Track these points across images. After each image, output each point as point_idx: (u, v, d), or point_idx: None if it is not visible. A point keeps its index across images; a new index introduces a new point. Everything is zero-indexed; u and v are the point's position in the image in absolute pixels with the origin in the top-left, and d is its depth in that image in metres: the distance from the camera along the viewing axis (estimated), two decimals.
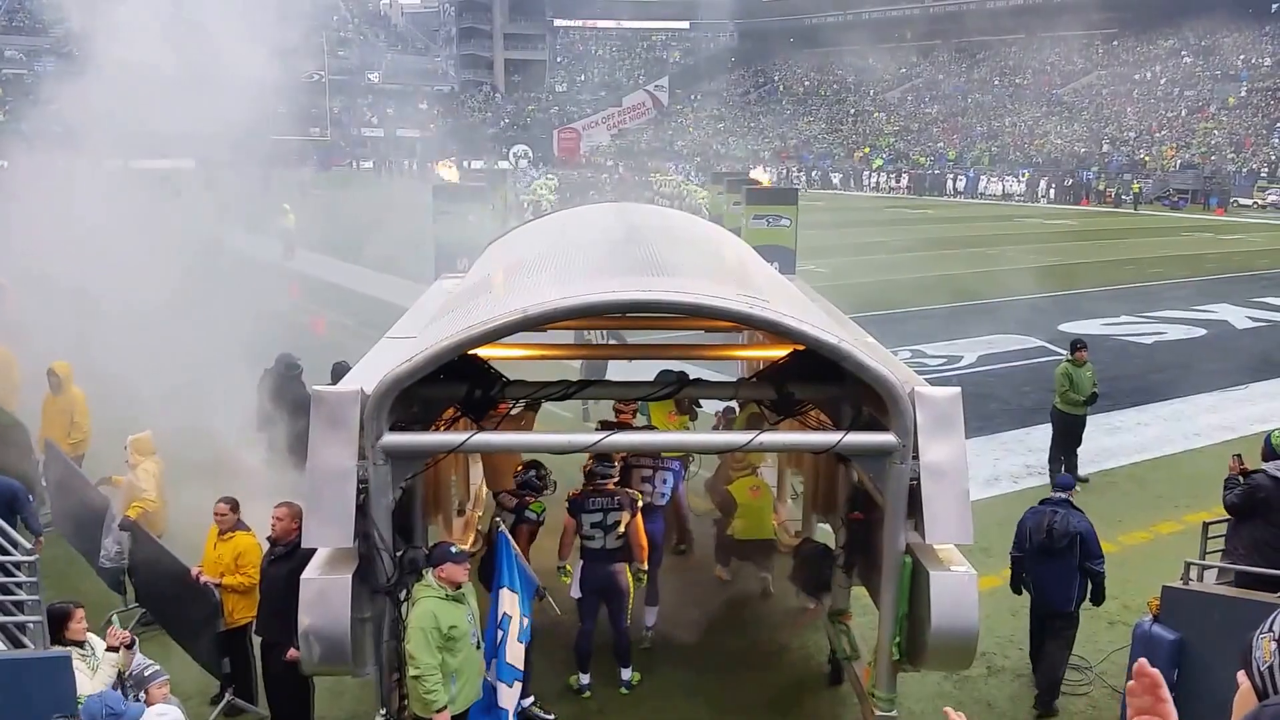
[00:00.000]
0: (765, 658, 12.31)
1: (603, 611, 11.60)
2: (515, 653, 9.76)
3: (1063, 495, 11.53)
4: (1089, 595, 11.30)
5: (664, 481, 13.21)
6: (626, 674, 11.75)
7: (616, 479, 12.02)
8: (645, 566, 12.21)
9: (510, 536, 10.13)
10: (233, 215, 41.87)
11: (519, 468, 12.56)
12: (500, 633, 9.76)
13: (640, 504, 11.85)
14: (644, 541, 12.20)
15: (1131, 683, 2.45)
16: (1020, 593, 11.80)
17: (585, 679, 11.59)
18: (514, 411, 13.54)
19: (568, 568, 11.76)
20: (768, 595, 13.70)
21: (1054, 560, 11.22)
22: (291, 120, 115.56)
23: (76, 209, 23.90)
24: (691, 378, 10.11)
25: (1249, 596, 9.32)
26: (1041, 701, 11.42)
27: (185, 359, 20.35)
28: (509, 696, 9.65)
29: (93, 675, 8.30)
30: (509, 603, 9.80)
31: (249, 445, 15.94)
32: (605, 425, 13.03)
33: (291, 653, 9.84)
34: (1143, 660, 2.49)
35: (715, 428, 14.98)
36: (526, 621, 9.85)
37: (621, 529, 11.47)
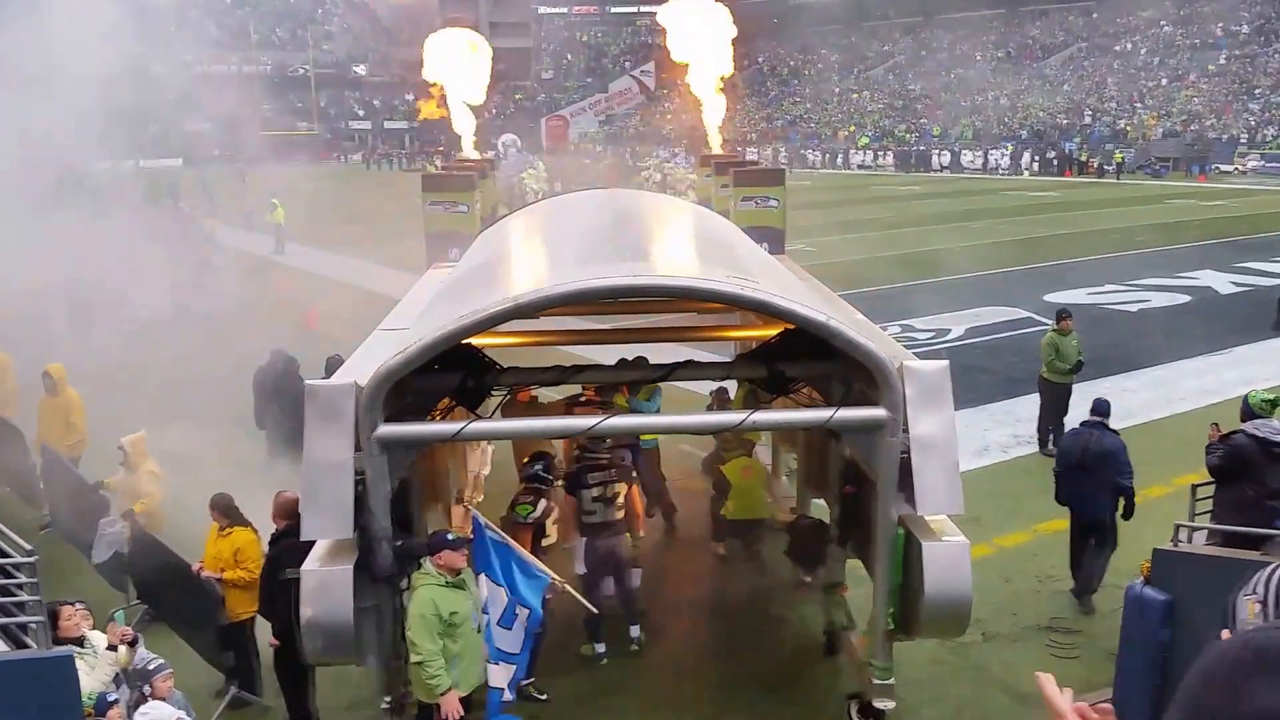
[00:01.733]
0: (762, 631, 12.38)
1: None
2: (501, 637, 9.79)
3: (1098, 419, 12.78)
4: (1122, 511, 12.63)
5: (622, 459, 13.22)
6: (635, 631, 11.93)
7: (609, 454, 12.10)
8: (642, 534, 12.36)
9: (486, 523, 10.14)
10: (221, 211, 41.94)
11: (525, 460, 12.57)
12: (484, 617, 9.83)
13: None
14: (640, 511, 12.35)
15: None
16: (1064, 504, 13.09)
17: (601, 648, 11.67)
18: (546, 400, 13.73)
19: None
20: (764, 570, 13.76)
21: (1089, 476, 12.64)
22: (278, 115, 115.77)
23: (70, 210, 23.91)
24: (685, 360, 10.14)
25: (1237, 555, 9.36)
26: (1081, 600, 12.88)
27: (181, 356, 20.39)
28: (498, 675, 9.71)
29: (91, 671, 8.33)
30: (485, 589, 9.87)
31: (248, 440, 16.00)
32: (572, 403, 13.18)
33: (271, 641, 10.05)
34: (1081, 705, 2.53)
35: (709, 408, 15.01)
36: (526, 612, 9.87)
37: (620, 500, 11.59)
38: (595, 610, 11.01)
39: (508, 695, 9.64)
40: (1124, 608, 10.10)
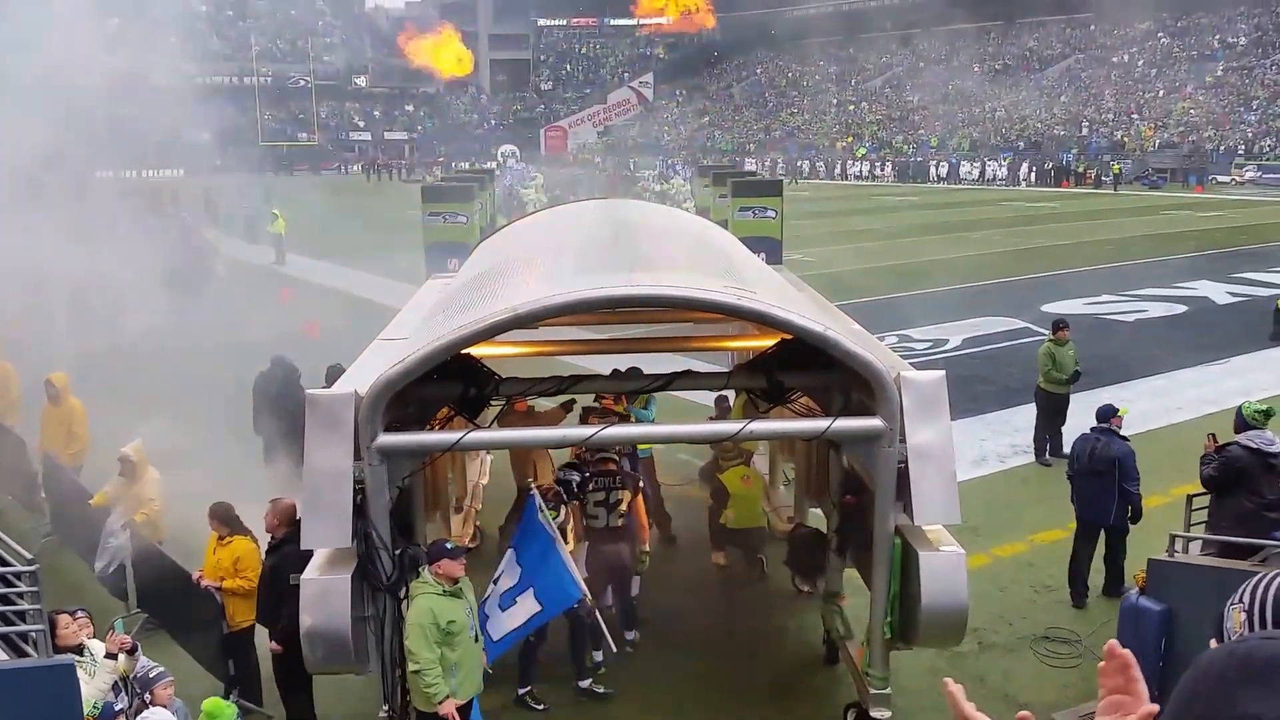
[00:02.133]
0: (762, 639, 12.41)
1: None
2: (494, 616, 9.84)
3: (1105, 425, 13.03)
4: (1130, 514, 12.91)
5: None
6: (631, 635, 12.00)
7: (616, 460, 12.12)
8: (647, 548, 12.38)
9: (541, 507, 10.20)
10: (222, 222, 42.00)
11: (557, 469, 12.55)
12: (491, 586, 9.92)
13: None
14: (645, 522, 12.36)
15: (1103, 663, 2.50)
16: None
17: (599, 656, 11.67)
18: (542, 409, 13.76)
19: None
20: (763, 579, 13.79)
21: (1096, 480, 12.89)
22: (279, 126, 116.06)
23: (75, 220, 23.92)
24: (682, 370, 10.15)
25: (1232, 565, 9.40)
26: (1108, 590, 13.10)
27: (182, 364, 20.38)
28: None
29: (90, 680, 8.35)
30: (506, 563, 9.96)
31: (247, 447, 15.99)
32: (588, 412, 13.16)
33: (272, 645, 10.06)
34: (1113, 642, 2.55)
35: (712, 418, 15.03)
36: (534, 608, 9.89)
37: (624, 508, 11.63)
38: (615, 649, 11.06)
39: None
40: (1119, 617, 10.13)
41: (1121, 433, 13.11)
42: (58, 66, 22.89)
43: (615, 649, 11.16)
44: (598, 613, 10.76)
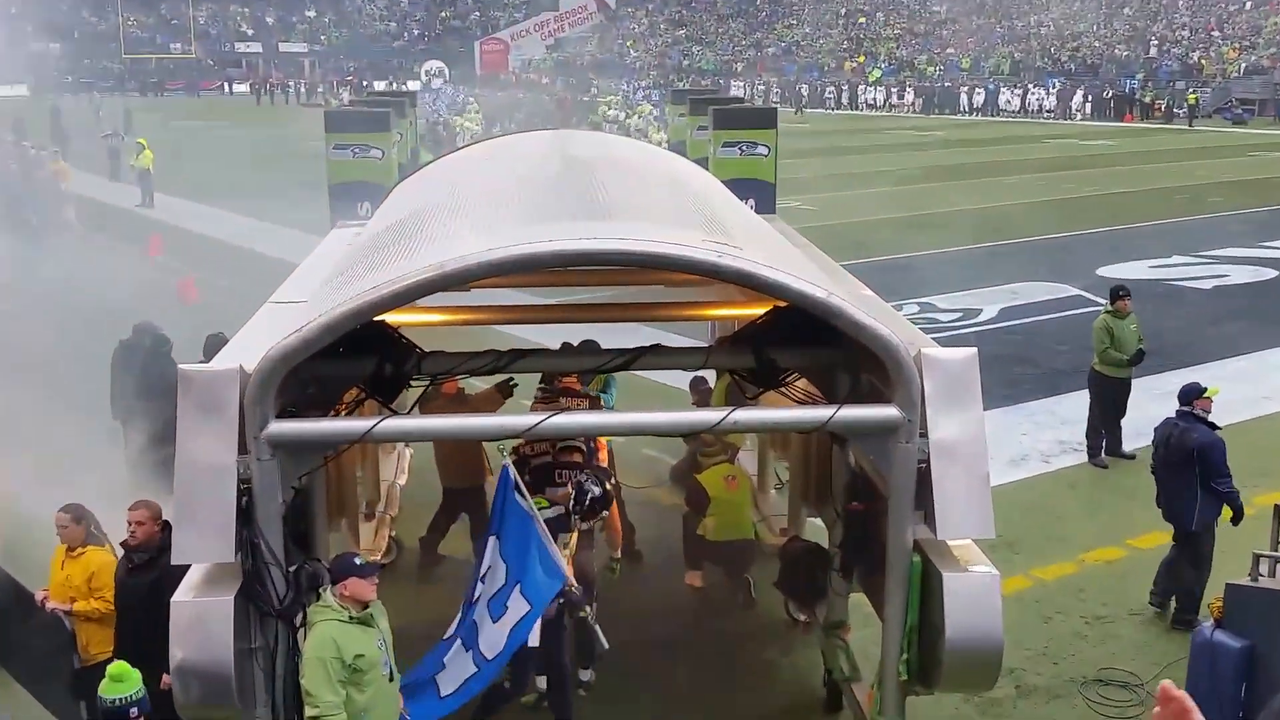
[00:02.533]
0: (748, 679, 12.39)
1: None
2: (485, 629, 9.81)
3: (1186, 408, 12.88)
4: (1230, 518, 12.77)
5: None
6: (586, 675, 12.01)
7: (583, 449, 12.13)
8: (618, 555, 12.44)
9: (516, 480, 10.17)
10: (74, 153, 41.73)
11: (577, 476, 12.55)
12: (479, 586, 9.87)
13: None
14: (619, 526, 12.40)
15: (1157, 709, 2.51)
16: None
17: (543, 683, 11.68)
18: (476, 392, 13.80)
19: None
20: (750, 605, 13.78)
21: (1174, 475, 12.94)
22: (146, 34, 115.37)
23: None
24: (650, 344, 10.14)
25: None
26: (1177, 618, 12.99)
27: (22, 330, 20.27)
28: (452, 674, 9.76)
29: None
30: (490, 556, 9.93)
31: (105, 436, 15.91)
32: (545, 394, 13.13)
33: (165, 679, 9.92)
34: (1167, 683, 2.55)
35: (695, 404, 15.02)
36: (524, 609, 9.86)
37: None
38: (605, 644, 11.06)
39: None
40: (1190, 655, 10.17)
41: (1209, 418, 12.96)
42: None
43: (606, 645, 11.19)
44: (588, 607, 10.82)
